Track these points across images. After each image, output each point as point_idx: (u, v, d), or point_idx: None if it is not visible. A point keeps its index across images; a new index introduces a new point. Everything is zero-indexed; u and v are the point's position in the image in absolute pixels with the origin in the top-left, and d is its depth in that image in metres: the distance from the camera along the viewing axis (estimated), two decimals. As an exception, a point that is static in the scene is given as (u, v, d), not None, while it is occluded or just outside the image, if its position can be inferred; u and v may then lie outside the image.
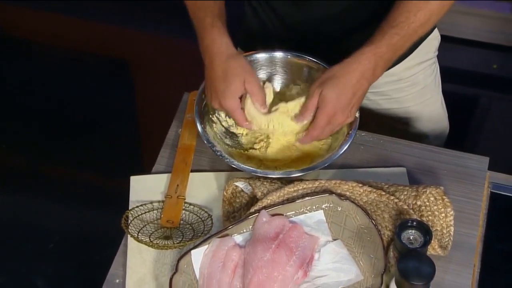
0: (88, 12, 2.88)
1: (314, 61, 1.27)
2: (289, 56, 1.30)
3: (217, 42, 1.17)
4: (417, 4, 1.12)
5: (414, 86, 1.41)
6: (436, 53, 1.43)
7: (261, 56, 1.30)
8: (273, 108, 1.22)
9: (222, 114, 1.28)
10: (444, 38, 1.41)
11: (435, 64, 1.45)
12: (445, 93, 1.51)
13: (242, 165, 1.19)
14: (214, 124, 1.27)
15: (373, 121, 1.37)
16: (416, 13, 1.12)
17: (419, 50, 1.36)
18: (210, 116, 1.27)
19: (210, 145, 1.20)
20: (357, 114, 1.20)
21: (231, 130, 1.28)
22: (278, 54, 1.30)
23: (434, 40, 1.40)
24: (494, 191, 1.26)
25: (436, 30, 1.39)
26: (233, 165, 1.18)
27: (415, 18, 1.12)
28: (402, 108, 1.44)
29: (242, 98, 1.19)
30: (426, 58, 1.39)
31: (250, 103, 1.19)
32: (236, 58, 1.18)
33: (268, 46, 1.32)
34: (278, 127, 1.21)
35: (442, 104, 1.50)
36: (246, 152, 1.27)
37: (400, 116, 1.45)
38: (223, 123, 1.28)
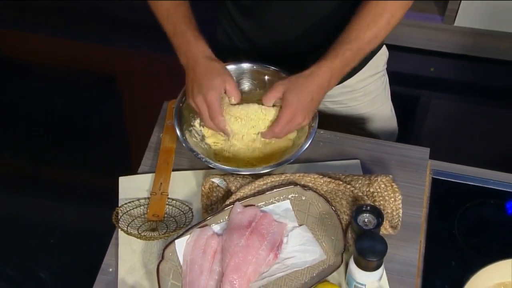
0: (78, 34, 2.89)
1: (277, 70, 1.27)
2: (255, 67, 1.29)
3: (201, 50, 1.17)
4: (366, 23, 1.12)
5: (366, 96, 1.42)
6: (385, 66, 1.44)
7: (231, 67, 1.29)
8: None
9: (197, 124, 1.26)
10: (389, 47, 1.42)
11: (385, 76, 1.46)
12: (392, 94, 1.52)
13: (218, 164, 1.18)
14: (191, 128, 1.26)
15: (332, 126, 1.38)
16: (366, 31, 1.13)
17: (370, 64, 1.37)
18: (187, 125, 1.25)
19: (188, 147, 1.19)
20: (317, 114, 1.21)
21: (205, 140, 1.27)
22: (245, 65, 1.30)
23: (382, 55, 1.41)
24: (435, 177, 1.27)
25: (384, 47, 1.41)
26: (209, 165, 1.18)
27: (364, 36, 1.13)
28: (357, 114, 1.45)
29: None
30: (376, 71, 1.41)
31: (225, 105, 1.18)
32: (217, 61, 1.18)
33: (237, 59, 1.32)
34: (244, 126, 1.21)
35: (391, 109, 1.51)
36: (219, 153, 1.26)
37: (355, 121, 1.46)
38: (198, 133, 1.26)
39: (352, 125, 1.45)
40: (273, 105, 1.19)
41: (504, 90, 2.64)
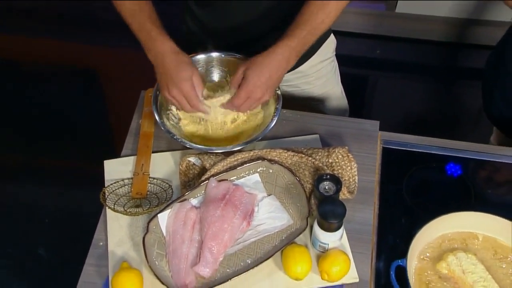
0: (59, 34, 2.84)
1: (244, 57, 1.26)
2: (223, 56, 1.28)
3: (167, 45, 1.14)
4: (318, 6, 1.12)
5: (318, 79, 1.42)
6: (334, 53, 1.44)
7: (201, 56, 1.27)
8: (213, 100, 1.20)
9: (173, 108, 1.24)
10: (339, 33, 1.42)
11: (334, 62, 1.46)
12: (343, 75, 1.52)
13: (193, 144, 1.16)
14: (168, 112, 1.24)
15: (290, 107, 1.37)
16: (317, 13, 1.12)
17: (320, 51, 1.37)
18: (163, 110, 1.23)
19: (166, 130, 1.18)
20: (279, 93, 1.20)
21: (181, 123, 1.25)
22: (214, 54, 1.28)
23: (331, 43, 1.41)
24: (385, 146, 1.28)
25: (332, 35, 1.40)
26: (186, 145, 1.16)
27: (316, 17, 1.12)
28: (311, 96, 1.45)
29: None
30: (326, 57, 1.40)
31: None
32: (184, 54, 1.15)
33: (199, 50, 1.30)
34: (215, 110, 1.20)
35: (342, 90, 1.52)
36: (195, 134, 1.25)
37: (310, 102, 1.46)
38: (175, 116, 1.25)
39: (307, 105, 1.45)
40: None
41: (442, 68, 2.67)
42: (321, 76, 1.42)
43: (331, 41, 1.41)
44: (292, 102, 1.38)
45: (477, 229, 1.11)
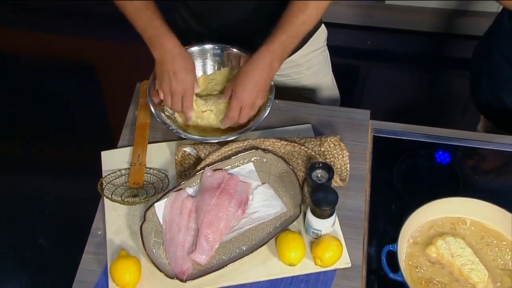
0: (56, 28, 2.81)
1: (237, 48, 1.26)
2: (216, 47, 1.27)
3: (176, 44, 1.15)
4: (297, 8, 1.11)
5: (309, 69, 1.42)
6: (325, 42, 1.43)
7: (195, 48, 1.26)
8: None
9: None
10: (330, 25, 1.41)
11: (325, 51, 1.45)
12: (335, 65, 1.51)
13: (188, 134, 1.16)
14: (163, 104, 1.23)
15: (282, 96, 1.37)
16: (298, 15, 1.11)
17: (311, 41, 1.36)
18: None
19: (162, 121, 1.17)
20: (272, 84, 1.20)
21: (174, 115, 1.24)
22: (208, 46, 1.27)
23: (322, 33, 1.40)
24: (375, 134, 1.28)
25: (323, 26, 1.39)
26: (181, 135, 1.16)
27: (297, 19, 1.12)
28: (302, 86, 1.44)
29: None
30: (317, 47, 1.40)
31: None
32: (190, 57, 1.18)
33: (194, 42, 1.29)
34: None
35: (333, 80, 1.51)
36: (189, 125, 1.24)
37: (301, 91, 1.45)
38: (168, 110, 1.24)
39: (299, 95, 1.44)
40: None
41: (430, 58, 2.67)
42: (312, 66, 1.41)
43: (322, 31, 1.40)
44: (284, 91, 1.38)
45: (465, 214, 1.12)
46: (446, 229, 1.11)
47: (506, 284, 1.04)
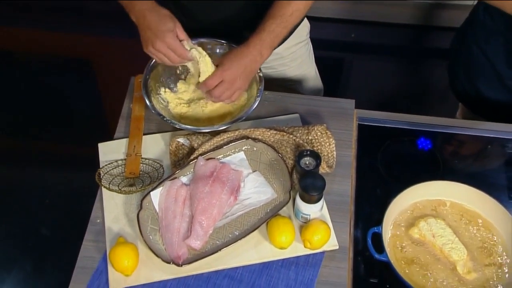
0: (54, 25, 2.77)
1: (226, 42, 1.25)
2: (206, 41, 1.25)
3: (146, 2, 1.08)
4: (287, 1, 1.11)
5: (293, 61, 1.41)
6: (308, 35, 1.43)
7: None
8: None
9: (162, 92, 1.23)
10: (315, 19, 1.40)
11: (309, 44, 1.45)
12: (321, 58, 1.51)
13: (182, 124, 1.15)
14: (157, 96, 1.23)
15: (268, 88, 1.36)
16: (286, 6, 1.11)
17: (294, 34, 1.35)
18: (153, 94, 1.22)
19: (156, 112, 1.16)
20: (261, 75, 1.19)
21: (169, 106, 1.24)
22: (203, 40, 1.25)
23: (305, 26, 1.40)
24: (360, 122, 1.28)
25: (305, 19, 1.39)
26: (175, 125, 1.15)
27: (285, 10, 1.11)
28: (287, 77, 1.44)
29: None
30: (300, 40, 1.39)
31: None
32: (163, 8, 1.10)
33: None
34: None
35: (316, 71, 1.51)
36: (183, 116, 1.23)
37: (286, 82, 1.45)
38: (164, 100, 1.23)
39: (285, 86, 1.44)
40: None
41: (411, 49, 2.67)
42: (296, 58, 1.41)
43: (305, 24, 1.40)
44: (270, 82, 1.37)
45: (445, 197, 1.13)
46: (428, 211, 1.12)
47: (483, 260, 1.05)
